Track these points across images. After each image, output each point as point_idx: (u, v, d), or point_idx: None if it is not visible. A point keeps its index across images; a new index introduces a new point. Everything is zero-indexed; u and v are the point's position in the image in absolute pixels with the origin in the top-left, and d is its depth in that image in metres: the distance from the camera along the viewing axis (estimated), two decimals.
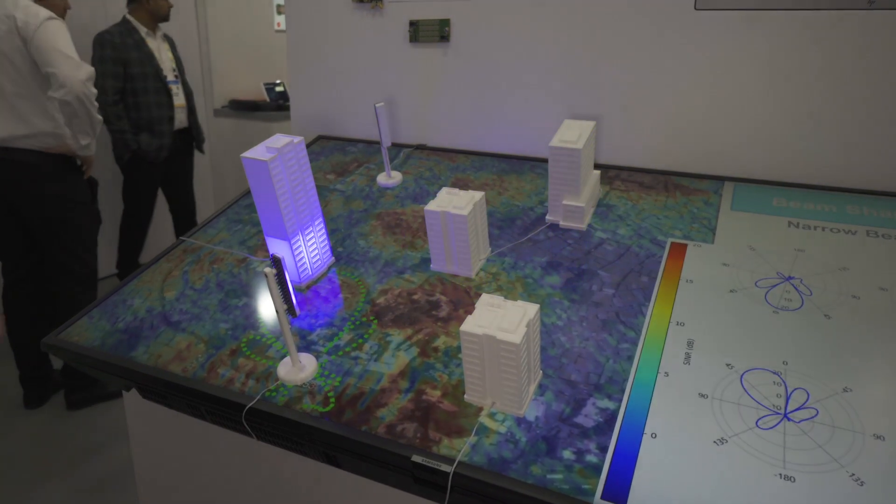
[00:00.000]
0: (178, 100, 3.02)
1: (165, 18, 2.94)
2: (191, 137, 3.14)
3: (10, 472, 2.14)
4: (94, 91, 2.11)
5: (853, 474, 0.62)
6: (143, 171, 2.99)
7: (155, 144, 2.90)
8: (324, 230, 1.03)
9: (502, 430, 0.72)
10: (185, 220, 3.40)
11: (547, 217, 1.09)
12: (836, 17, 1.03)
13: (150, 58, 2.86)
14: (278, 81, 4.10)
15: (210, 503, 1.10)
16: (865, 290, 0.85)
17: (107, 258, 3.13)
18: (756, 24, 1.08)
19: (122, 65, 2.80)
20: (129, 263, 3.29)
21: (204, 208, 3.62)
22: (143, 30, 2.88)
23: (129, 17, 2.87)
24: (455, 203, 0.94)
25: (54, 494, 2.03)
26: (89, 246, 2.37)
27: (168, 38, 3.07)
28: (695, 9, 1.12)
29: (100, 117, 2.19)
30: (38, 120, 2.14)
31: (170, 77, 2.97)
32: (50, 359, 2.49)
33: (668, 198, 1.11)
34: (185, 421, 1.00)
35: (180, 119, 3.04)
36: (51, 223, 2.23)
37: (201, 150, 3.22)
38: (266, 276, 0.75)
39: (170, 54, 3.02)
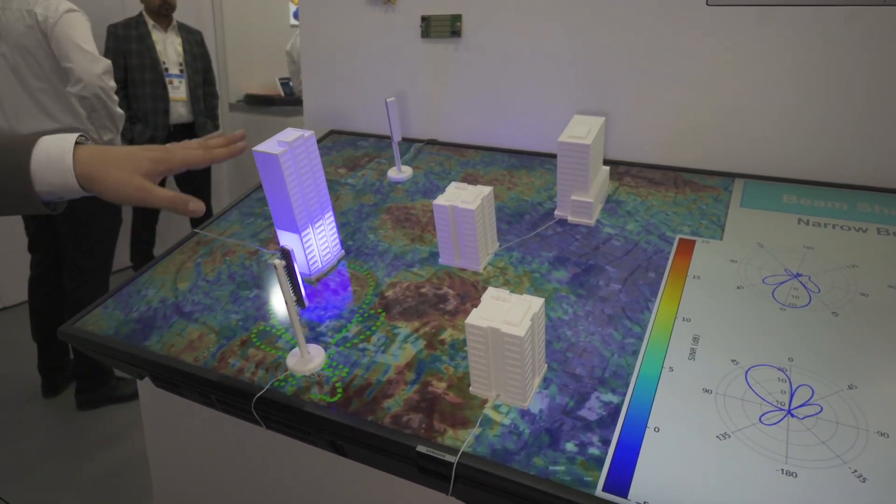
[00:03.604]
0: (178, 93, 3.01)
1: (159, 11, 2.92)
2: (194, 134, 3.11)
3: (27, 459, 2.18)
4: (113, 85, 2.12)
5: (856, 471, 0.62)
6: None
7: (147, 135, 2.92)
8: (334, 223, 1.04)
9: (506, 421, 0.73)
10: (201, 221, 3.39)
11: (555, 212, 1.09)
12: (849, 13, 1.02)
13: (149, 49, 2.89)
14: None
15: (221, 490, 1.12)
16: (874, 287, 0.84)
17: (122, 250, 3.18)
18: (768, 19, 1.07)
19: (123, 56, 2.86)
20: (140, 256, 3.34)
21: (218, 201, 3.66)
22: (150, 22, 2.92)
23: (143, 11, 2.94)
24: (463, 198, 0.94)
25: (70, 482, 2.07)
26: (100, 241, 2.36)
27: (191, 33, 3.08)
28: (707, 4, 1.11)
29: (121, 111, 2.20)
30: (63, 115, 2.16)
31: (173, 70, 2.98)
32: (69, 350, 2.54)
33: (677, 194, 1.11)
34: (198, 410, 1.01)
35: (179, 113, 3.04)
36: (67, 217, 2.26)
37: None
38: (275, 267, 0.76)
39: (179, 48, 3.02)
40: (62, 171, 0.67)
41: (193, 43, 3.09)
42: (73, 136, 0.69)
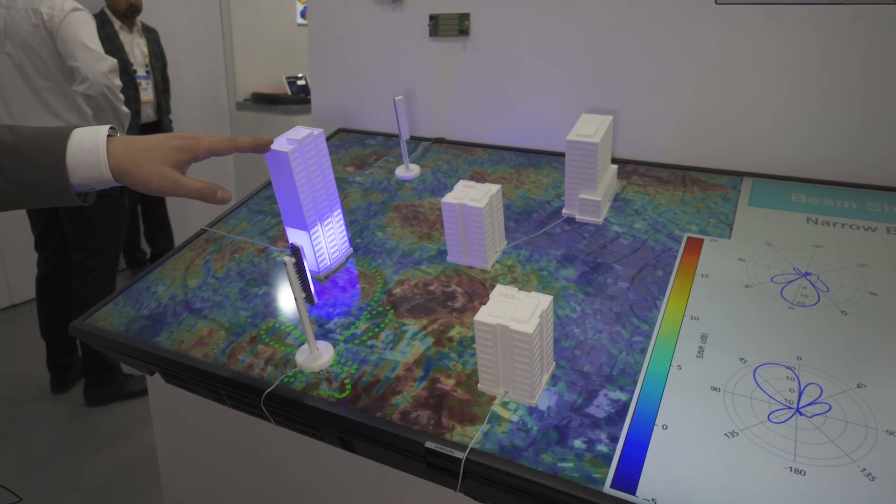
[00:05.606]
0: (146, 95, 3.05)
1: (124, 14, 2.91)
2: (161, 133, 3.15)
3: (36, 456, 2.20)
4: (118, 84, 2.13)
5: (864, 469, 0.62)
6: None
7: None
8: (342, 221, 1.05)
9: (514, 418, 0.73)
10: (158, 231, 3.46)
11: (563, 211, 1.09)
12: (857, 11, 1.02)
13: (119, 52, 2.87)
14: (300, 75, 4.14)
15: (230, 486, 1.13)
16: (884, 286, 0.84)
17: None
18: (777, 18, 1.07)
19: None
20: (130, 256, 3.44)
21: None
22: (116, 23, 2.91)
23: (105, 9, 2.91)
24: (471, 195, 0.95)
25: (79, 478, 2.09)
26: (106, 240, 2.36)
27: (149, 32, 3.09)
28: (715, 3, 1.11)
29: (126, 110, 2.21)
30: (69, 114, 2.17)
31: (140, 72, 3.00)
32: (77, 347, 2.55)
33: (685, 193, 1.11)
34: (207, 406, 1.02)
35: (147, 114, 3.08)
36: (74, 214, 2.27)
37: None
38: (285, 264, 0.76)
39: (145, 49, 3.03)
40: (97, 165, 0.68)
41: (153, 42, 3.11)
42: (105, 129, 0.70)
